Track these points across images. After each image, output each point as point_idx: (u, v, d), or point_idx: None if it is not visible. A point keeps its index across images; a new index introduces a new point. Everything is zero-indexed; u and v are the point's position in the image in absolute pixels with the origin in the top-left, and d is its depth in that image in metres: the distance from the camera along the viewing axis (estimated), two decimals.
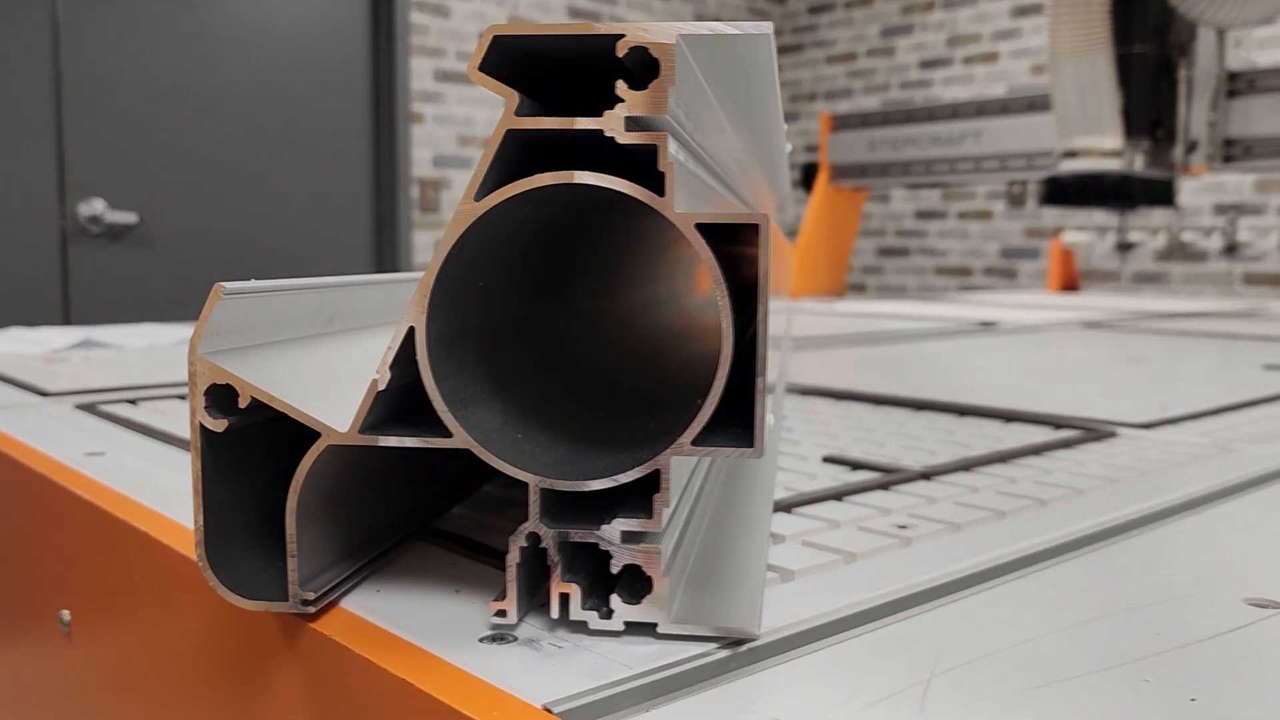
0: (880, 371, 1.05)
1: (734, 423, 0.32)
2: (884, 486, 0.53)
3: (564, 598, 0.33)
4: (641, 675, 0.30)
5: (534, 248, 0.41)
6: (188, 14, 2.85)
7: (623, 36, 0.30)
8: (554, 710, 0.28)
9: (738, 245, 0.32)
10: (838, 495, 0.51)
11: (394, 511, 0.42)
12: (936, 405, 0.81)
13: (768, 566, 0.39)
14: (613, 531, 0.32)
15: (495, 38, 0.30)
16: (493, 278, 0.37)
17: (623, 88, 0.30)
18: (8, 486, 0.60)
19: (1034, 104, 2.36)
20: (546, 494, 0.33)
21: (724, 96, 0.45)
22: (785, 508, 0.49)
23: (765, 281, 0.30)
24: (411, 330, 0.31)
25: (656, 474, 0.31)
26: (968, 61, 3.91)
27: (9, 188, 2.62)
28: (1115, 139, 1.82)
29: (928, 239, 4.05)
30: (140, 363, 1.00)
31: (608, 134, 0.30)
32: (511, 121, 0.31)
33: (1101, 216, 3.32)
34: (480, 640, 0.32)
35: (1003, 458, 0.61)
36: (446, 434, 0.32)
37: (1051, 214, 3.65)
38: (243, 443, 0.34)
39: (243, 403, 0.32)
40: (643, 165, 0.30)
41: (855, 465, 0.59)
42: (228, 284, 0.33)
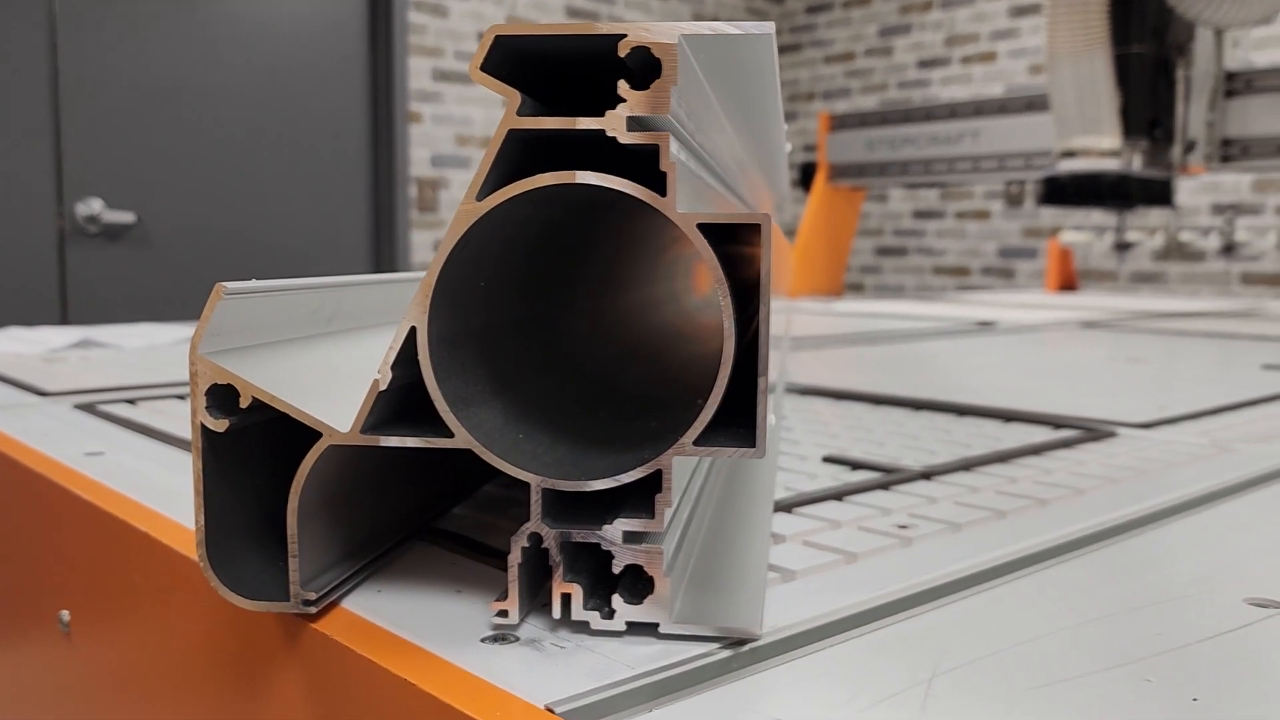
0: (879, 371, 1.05)
1: (735, 422, 0.32)
2: (884, 486, 0.53)
3: (566, 598, 0.33)
4: (643, 675, 0.30)
5: (535, 248, 0.41)
6: (186, 14, 2.85)
7: (625, 36, 0.30)
8: (556, 710, 0.28)
9: (739, 245, 0.32)
10: (838, 495, 0.51)
11: (395, 511, 0.42)
12: (936, 405, 0.81)
13: (769, 566, 0.39)
14: (615, 532, 0.32)
15: (497, 38, 0.30)
16: (494, 278, 0.37)
17: (625, 88, 0.30)
18: (7, 487, 0.60)
19: (1032, 104, 2.36)
20: (548, 494, 0.33)
21: (724, 96, 0.45)
22: (786, 508, 0.49)
23: (767, 281, 0.31)
24: (413, 330, 0.31)
25: (658, 474, 0.31)
26: (966, 61, 3.91)
27: (7, 187, 2.62)
28: (1113, 139, 1.82)
29: (926, 239, 4.05)
30: (139, 362, 1.00)
31: (609, 134, 0.30)
32: (514, 121, 0.31)
33: (1099, 216, 3.32)
34: (482, 640, 0.32)
35: (1002, 457, 0.61)
36: (448, 434, 0.32)
37: (1049, 214, 3.65)
38: (244, 443, 0.34)
39: (244, 403, 0.32)
40: (644, 165, 0.30)
41: (855, 465, 0.59)
42: (229, 284, 0.33)
